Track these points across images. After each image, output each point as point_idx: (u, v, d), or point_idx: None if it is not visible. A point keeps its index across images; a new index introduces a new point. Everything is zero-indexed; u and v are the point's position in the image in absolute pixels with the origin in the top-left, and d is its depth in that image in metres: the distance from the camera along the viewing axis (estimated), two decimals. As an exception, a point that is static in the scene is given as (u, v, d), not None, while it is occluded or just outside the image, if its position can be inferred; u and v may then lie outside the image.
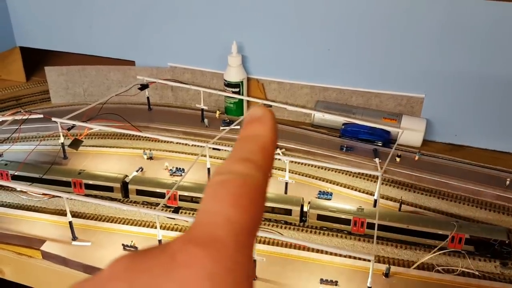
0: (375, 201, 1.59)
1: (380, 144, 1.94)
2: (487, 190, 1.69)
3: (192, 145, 1.79)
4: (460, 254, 1.45)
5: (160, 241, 1.40)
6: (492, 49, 1.81)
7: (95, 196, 1.68)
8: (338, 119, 2.01)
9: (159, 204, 1.43)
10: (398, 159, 1.83)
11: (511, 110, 1.89)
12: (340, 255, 1.39)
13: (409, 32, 1.89)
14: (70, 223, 1.46)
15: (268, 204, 1.56)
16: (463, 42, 1.84)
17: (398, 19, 1.88)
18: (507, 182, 1.71)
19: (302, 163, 1.82)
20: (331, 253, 1.40)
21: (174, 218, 1.53)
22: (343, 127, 2.01)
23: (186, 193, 1.61)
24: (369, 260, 1.22)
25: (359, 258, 1.37)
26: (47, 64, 2.34)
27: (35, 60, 2.62)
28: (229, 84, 2.13)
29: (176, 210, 1.50)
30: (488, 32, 1.79)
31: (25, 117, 1.85)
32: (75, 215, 1.59)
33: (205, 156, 1.68)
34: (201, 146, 1.73)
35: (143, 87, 2.08)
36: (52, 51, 2.49)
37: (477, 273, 1.39)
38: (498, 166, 1.83)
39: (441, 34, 1.85)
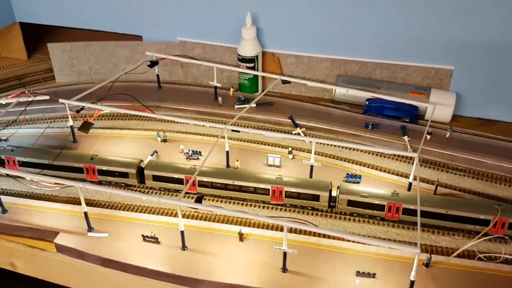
0: (410, 184, 1.49)
1: (408, 121, 1.82)
2: (524, 169, 1.59)
3: (209, 126, 1.68)
4: (502, 239, 1.36)
5: (182, 232, 1.30)
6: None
7: (110, 183, 1.58)
8: (361, 95, 1.88)
9: (178, 190, 1.33)
10: (428, 137, 1.72)
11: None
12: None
13: (439, -1, 1.75)
14: (86, 213, 1.37)
15: (294, 189, 1.46)
16: (494, 10, 1.69)
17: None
18: (546, 160, 1.60)
19: (325, 144, 1.71)
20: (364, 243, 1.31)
21: (197, 208, 1.44)
22: (367, 103, 1.89)
23: (205, 179, 1.51)
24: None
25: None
26: (49, 40, 2.21)
27: (37, 36, 2.48)
28: (243, 59, 2.00)
29: (199, 199, 1.40)
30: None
31: (30, 99, 1.73)
32: (88, 203, 1.49)
33: (224, 138, 1.58)
34: (218, 128, 1.61)
35: (153, 64, 1.95)
36: (54, 26, 2.34)
37: (522, 260, 1.30)
38: (534, 142, 1.73)
39: (471, 1, 1.71)
